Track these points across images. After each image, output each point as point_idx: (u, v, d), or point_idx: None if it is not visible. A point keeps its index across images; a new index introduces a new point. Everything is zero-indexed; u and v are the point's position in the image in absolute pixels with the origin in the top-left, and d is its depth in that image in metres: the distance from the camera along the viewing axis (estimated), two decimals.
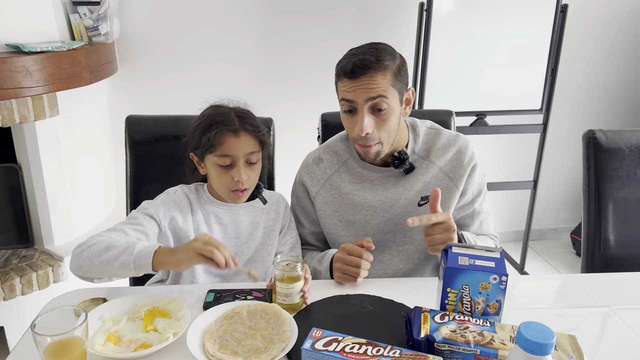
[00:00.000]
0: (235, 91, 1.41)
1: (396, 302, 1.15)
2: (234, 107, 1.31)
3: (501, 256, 1.04)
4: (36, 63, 1.90)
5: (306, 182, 1.42)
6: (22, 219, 2.25)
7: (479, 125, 2.63)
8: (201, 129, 1.25)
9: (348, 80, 1.22)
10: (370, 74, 1.20)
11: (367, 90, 1.21)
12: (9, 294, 2.03)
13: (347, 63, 1.21)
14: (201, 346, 0.98)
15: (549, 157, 2.98)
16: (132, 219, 1.23)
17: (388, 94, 1.22)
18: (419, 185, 1.35)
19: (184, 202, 1.30)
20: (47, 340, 0.86)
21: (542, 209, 3.19)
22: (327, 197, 1.40)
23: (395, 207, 1.36)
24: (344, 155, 1.41)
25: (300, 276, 1.11)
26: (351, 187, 1.38)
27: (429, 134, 1.40)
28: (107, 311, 1.07)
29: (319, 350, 0.92)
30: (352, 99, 1.23)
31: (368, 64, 1.19)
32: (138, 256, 1.06)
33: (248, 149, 1.25)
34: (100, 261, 1.08)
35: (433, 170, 1.36)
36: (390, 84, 1.22)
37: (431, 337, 0.93)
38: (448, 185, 1.36)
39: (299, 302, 1.13)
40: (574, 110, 3.03)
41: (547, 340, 0.74)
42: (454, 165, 1.36)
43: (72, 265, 1.13)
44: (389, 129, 1.26)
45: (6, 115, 1.94)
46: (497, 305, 1.02)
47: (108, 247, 1.09)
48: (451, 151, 1.37)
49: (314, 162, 1.43)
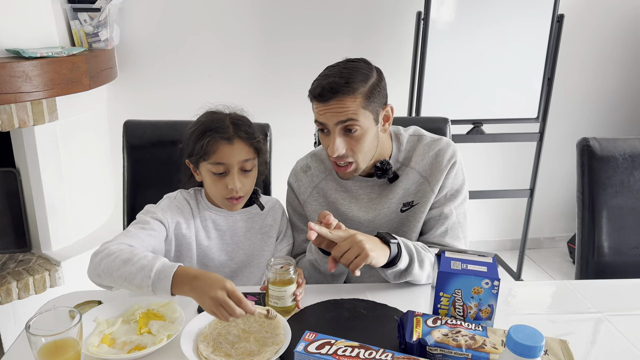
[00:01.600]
0: (234, 97, 1.41)
1: (389, 306, 1.15)
2: (229, 114, 1.30)
3: (494, 261, 1.05)
4: (36, 68, 1.91)
5: (295, 189, 1.42)
6: (20, 224, 2.25)
7: (475, 134, 2.64)
8: (195, 136, 1.24)
9: (318, 103, 1.21)
10: (339, 98, 1.18)
11: (337, 115, 1.19)
12: (6, 298, 2.04)
13: (317, 86, 1.20)
14: (195, 348, 0.99)
15: (545, 165, 2.99)
16: (144, 224, 1.21)
17: (358, 117, 1.19)
18: (400, 192, 1.34)
19: (185, 207, 1.30)
20: (42, 341, 0.86)
21: (539, 217, 3.19)
22: (316, 205, 1.40)
23: (380, 217, 1.36)
24: (329, 164, 1.40)
25: (293, 279, 1.12)
26: (337, 196, 1.38)
27: (411, 141, 1.38)
28: (102, 313, 1.08)
29: (311, 353, 0.92)
30: (323, 121, 1.22)
31: (336, 88, 1.17)
32: (157, 280, 1.01)
33: (242, 157, 1.24)
34: (118, 275, 1.05)
35: (413, 175, 1.34)
36: (361, 106, 1.19)
37: (423, 340, 0.94)
38: (425, 189, 1.34)
39: (292, 306, 1.13)
40: (570, 119, 3.06)
41: (537, 343, 0.74)
42: (432, 167, 1.33)
43: (90, 273, 1.10)
44: (363, 149, 1.24)
45: (5, 120, 1.95)
46: (490, 309, 1.02)
47: (127, 260, 1.05)
48: (430, 154, 1.34)
49: (301, 169, 1.43)
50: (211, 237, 1.32)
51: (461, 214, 1.36)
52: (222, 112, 1.30)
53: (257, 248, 1.36)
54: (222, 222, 1.33)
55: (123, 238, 1.15)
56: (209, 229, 1.32)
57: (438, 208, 1.35)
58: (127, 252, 1.07)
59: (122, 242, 1.12)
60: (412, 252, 1.21)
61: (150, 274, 1.01)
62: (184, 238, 1.28)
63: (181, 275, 1.01)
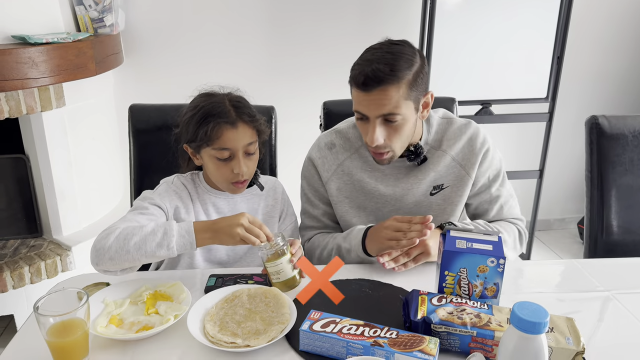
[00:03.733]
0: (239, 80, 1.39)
1: (395, 286, 1.16)
2: (227, 94, 1.25)
3: (499, 239, 1.05)
4: (42, 54, 1.91)
5: (318, 166, 1.40)
6: (31, 210, 2.28)
7: (484, 114, 2.61)
8: (196, 121, 1.20)
9: (360, 92, 1.18)
10: (383, 87, 1.14)
11: (379, 107, 1.17)
12: (18, 282, 2.07)
13: (359, 73, 1.16)
14: (202, 328, 1.00)
15: (555, 146, 2.96)
16: (142, 209, 1.20)
17: (401, 109, 1.18)
18: (431, 175, 1.35)
19: (184, 192, 1.29)
20: (50, 321, 0.88)
21: (549, 198, 3.17)
22: (339, 184, 1.39)
23: (407, 198, 1.36)
24: (356, 142, 1.39)
25: (284, 250, 1.10)
26: (363, 175, 1.38)
27: (441, 123, 1.38)
28: (109, 295, 1.09)
29: (316, 331, 0.93)
30: (364, 112, 1.20)
31: (381, 77, 1.13)
32: (179, 237, 1.06)
33: (246, 140, 1.22)
34: (134, 243, 1.04)
35: (446, 159, 1.35)
36: (404, 97, 1.17)
37: (428, 318, 0.94)
38: (460, 174, 1.36)
39: (294, 276, 1.11)
40: (580, 99, 3.01)
41: (541, 320, 0.74)
42: (466, 153, 1.35)
43: (97, 260, 1.07)
44: (402, 138, 1.24)
45: (13, 107, 1.96)
46: (495, 288, 1.02)
47: (140, 229, 1.06)
48: (463, 139, 1.36)
49: (326, 146, 1.41)
50: None
51: (507, 189, 1.41)
52: (219, 93, 1.26)
53: None
54: (222, 204, 1.33)
55: (121, 223, 1.12)
56: (210, 212, 1.31)
57: (486, 191, 1.38)
58: (135, 226, 1.08)
59: (122, 225, 1.10)
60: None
61: (172, 232, 1.05)
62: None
63: (199, 227, 1.07)
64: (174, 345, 0.97)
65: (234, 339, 0.95)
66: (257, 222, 1.07)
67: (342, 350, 0.91)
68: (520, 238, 1.39)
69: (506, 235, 1.32)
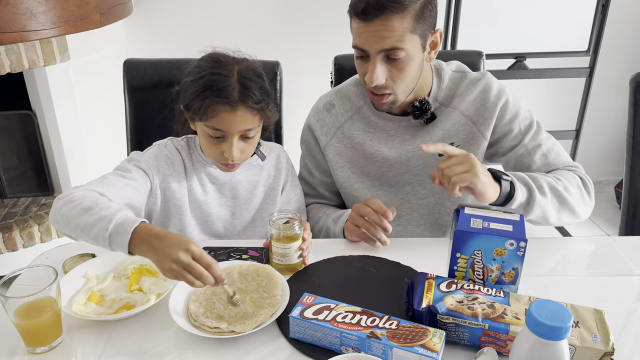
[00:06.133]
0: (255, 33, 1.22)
1: (403, 265, 1.05)
2: (238, 66, 1.08)
3: (521, 218, 0.92)
4: (40, 4, 1.81)
5: (316, 130, 1.30)
6: (41, 167, 2.24)
7: (517, 69, 2.41)
8: (194, 90, 1.06)
9: (360, 22, 1.05)
10: (386, 16, 1.02)
11: (380, 39, 1.04)
12: (28, 241, 2.05)
13: (359, 0, 1.03)
14: (185, 309, 0.92)
15: (594, 104, 2.74)
16: (125, 172, 1.10)
17: (405, 43, 1.04)
18: (439, 133, 1.22)
19: (176, 158, 1.18)
20: (16, 303, 0.81)
21: (585, 160, 2.96)
22: (339, 147, 1.28)
23: (413, 159, 1.24)
24: (358, 101, 1.27)
25: (298, 235, 1.02)
26: (364, 137, 1.26)
27: (454, 78, 1.24)
28: (92, 268, 1.02)
29: (307, 318, 0.84)
30: (363, 47, 1.07)
31: (383, 3, 1.01)
32: (115, 231, 0.88)
33: (245, 126, 1.07)
34: (76, 224, 0.92)
35: (454, 115, 1.21)
36: (409, 29, 1.04)
37: (434, 308, 0.83)
38: (471, 130, 1.21)
39: (298, 262, 1.04)
40: (626, 53, 2.76)
41: (562, 324, 0.62)
42: (478, 107, 1.20)
43: (51, 217, 0.98)
44: (405, 79, 1.11)
45: (14, 60, 1.88)
46: (514, 273, 0.90)
47: (88, 209, 0.92)
48: (474, 92, 1.21)
49: (324, 107, 1.30)
50: (207, 191, 1.20)
51: (547, 136, 1.21)
52: (230, 61, 1.09)
53: (262, 202, 1.25)
54: (219, 174, 1.21)
55: (96, 185, 1.02)
56: (205, 182, 1.20)
57: (520, 146, 1.20)
58: (91, 199, 0.95)
59: (91, 189, 0.99)
60: (528, 183, 1.06)
61: (109, 226, 0.88)
62: (172, 193, 1.16)
63: (142, 232, 0.87)
64: (155, 327, 0.90)
65: (218, 323, 0.87)
66: (205, 259, 0.84)
67: (335, 340, 0.82)
68: (585, 187, 1.16)
69: (567, 183, 1.11)
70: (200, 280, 0.83)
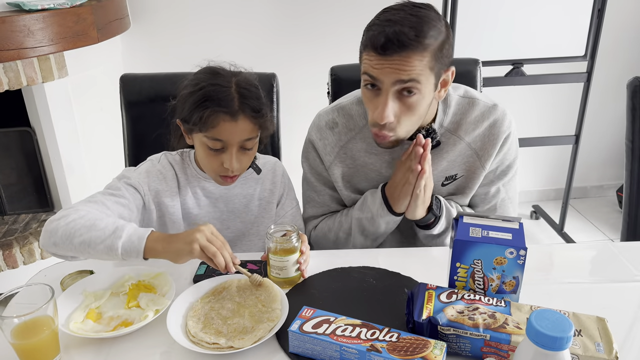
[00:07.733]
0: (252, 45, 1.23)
1: (403, 275, 1.04)
2: (235, 78, 1.09)
3: (520, 227, 0.91)
4: (38, 22, 1.82)
5: (319, 149, 1.25)
6: (41, 183, 2.24)
7: (515, 75, 2.41)
8: (193, 101, 1.05)
9: (376, 55, 0.99)
10: (406, 53, 0.97)
11: (398, 72, 0.98)
12: (29, 258, 2.04)
13: (379, 34, 0.97)
14: (184, 325, 0.91)
15: (593, 109, 2.74)
16: (114, 190, 1.10)
17: (422, 79, 0.99)
18: (443, 163, 1.19)
19: (169, 172, 1.17)
20: (13, 322, 0.80)
21: (586, 164, 2.97)
22: (343, 168, 1.24)
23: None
24: (360, 121, 1.22)
25: (295, 248, 1.01)
26: (367, 160, 1.22)
27: (461, 104, 1.19)
28: (90, 285, 1.01)
29: (307, 332, 0.83)
30: (378, 77, 1.01)
31: (405, 42, 0.96)
32: (127, 241, 0.93)
33: (244, 136, 1.08)
34: (80, 241, 0.94)
35: (460, 146, 1.18)
36: (428, 66, 0.99)
37: (434, 319, 0.83)
38: (475, 164, 1.18)
39: (296, 275, 1.03)
40: (622, 57, 2.76)
41: (563, 334, 0.61)
42: (485, 141, 1.17)
43: (44, 241, 0.99)
44: (412, 118, 1.05)
45: (12, 78, 1.89)
46: (515, 282, 0.89)
47: (91, 226, 0.95)
48: (483, 125, 1.17)
49: (327, 126, 1.24)
50: (201, 205, 1.20)
51: (511, 189, 1.24)
52: (227, 73, 1.10)
53: (256, 215, 1.24)
54: (213, 188, 1.20)
55: (84, 205, 1.03)
56: (199, 196, 1.20)
57: (486, 185, 1.22)
58: (93, 215, 0.98)
59: (82, 209, 1.00)
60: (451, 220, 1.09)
61: (121, 234, 0.93)
62: (166, 208, 1.16)
63: (155, 236, 0.95)
64: (154, 343, 0.89)
65: (217, 338, 0.86)
66: (219, 240, 0.95)
67: (334, 354, 0.81)
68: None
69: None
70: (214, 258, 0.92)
